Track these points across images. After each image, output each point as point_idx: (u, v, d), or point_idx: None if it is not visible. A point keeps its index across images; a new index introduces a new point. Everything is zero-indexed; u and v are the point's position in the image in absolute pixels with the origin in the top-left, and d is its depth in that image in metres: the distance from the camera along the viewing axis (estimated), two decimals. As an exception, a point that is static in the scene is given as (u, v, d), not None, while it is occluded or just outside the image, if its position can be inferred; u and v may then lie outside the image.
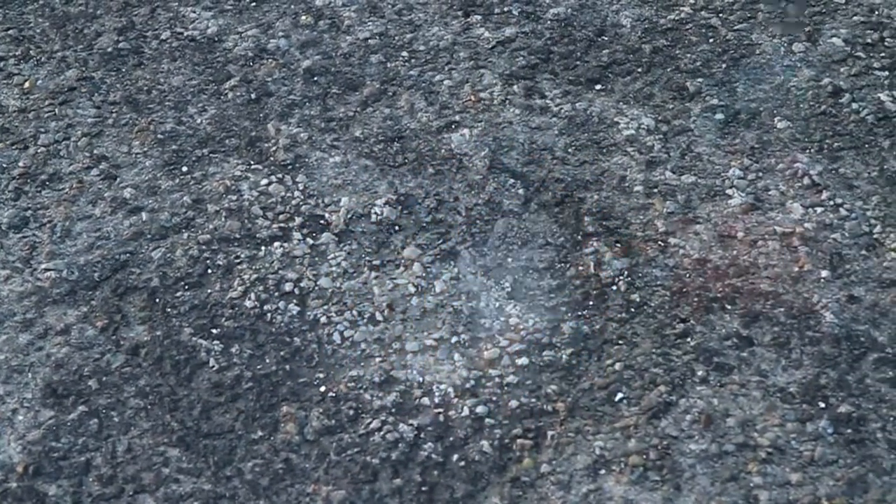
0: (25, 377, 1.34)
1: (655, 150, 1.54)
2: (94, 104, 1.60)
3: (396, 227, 1.46)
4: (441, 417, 1.31)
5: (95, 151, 1.55)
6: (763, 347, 1.36)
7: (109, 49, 1.67)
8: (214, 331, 1.38)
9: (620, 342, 1.37)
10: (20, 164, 1.54)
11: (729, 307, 1.40)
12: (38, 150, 1.55)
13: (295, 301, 1.40)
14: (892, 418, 1.30)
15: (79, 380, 1.34)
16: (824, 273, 1.43)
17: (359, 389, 1.33)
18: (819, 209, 1.48)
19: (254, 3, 1.73)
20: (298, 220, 1.48)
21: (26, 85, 1.63)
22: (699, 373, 1.34)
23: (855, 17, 1.70)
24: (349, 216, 1.48)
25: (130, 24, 1.70)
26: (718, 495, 1.25)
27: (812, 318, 1.39)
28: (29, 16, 1.71)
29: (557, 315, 1.39)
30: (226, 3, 1.73)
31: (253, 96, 1.61)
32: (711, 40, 1.66)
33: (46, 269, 1.43)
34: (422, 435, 1.30)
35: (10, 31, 1.69)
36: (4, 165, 1.53)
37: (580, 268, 1.43)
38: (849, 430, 1.30)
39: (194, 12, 1.72)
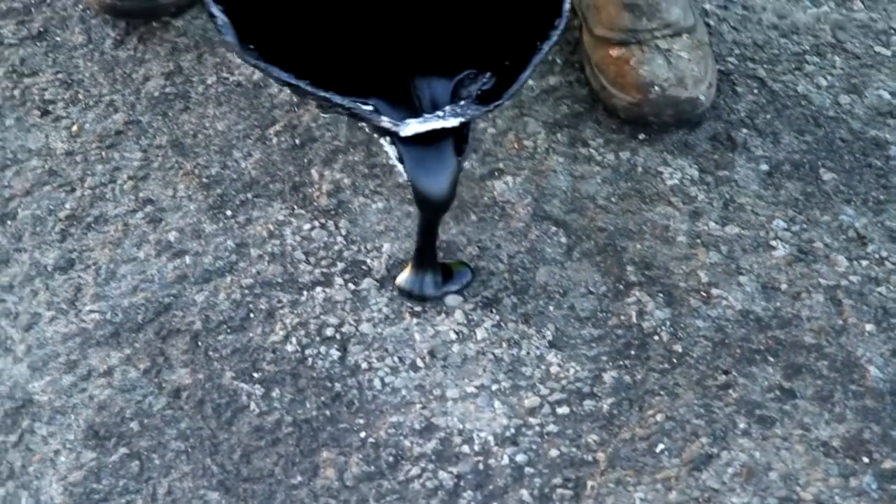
0: (68, 418, 1.35)
1: (699, 201, 1.54)
2: (141, 148, 1.62)
3: (439, 274, 1.46)
4: (481, 465, 1.31)
5: (141, 195, 1.56)
6: (806, 401, 1.36)
7: (156, 93, 1.68)
8: (256, 375, 1.38)
9: (662, 393, 1.36)
10: (67, 206, 1.55)
11: (771, 359, 1.39)
12: (85, 193, 1.56)
13: (336, 346, 1.41)
14: (936, 474, 1.29)
15: (121, 422, 1.35)
16: (869, 327, 1.42)
17: (399, 436, 1.33)
18: (864, 262, 1.48)
19: (300, 50, 1.74)
20: (340, 265, 1.48)
21: (74, 128, 1.64)
22: (741, 425, 1.34)
23: (901, 70, 1.70)
24: (391, 262, 1.48)
25: (178, 68, 1.71)
26: (760, 549, 1.24)
27: (856, 371, 1.38)
28: (78, 60, 1.73)
29: (599, 364, 1.39)
30: (272, 48, 1.74)
31: (297, 142, 1.62)
32: (757, 91, 1.66)
33: (91, 311, 1.44)
34: (461, 483, 1.30)
35: (59, 75, 1.71)
36: (52, 208, 1.55)
37: (622, 317, 1.43)
38: (893, 486, 1.29)
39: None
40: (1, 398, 1.36)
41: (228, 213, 1.54)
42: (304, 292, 1.45)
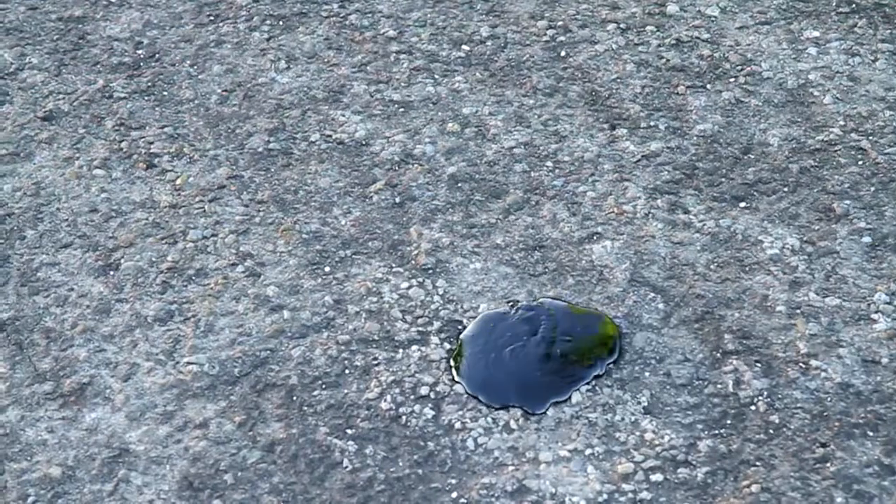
0: (163, 469, 1.36)
1: (799, 271, 1.52)
2: (243, 202, 1.64)
3: (534, 337, 1.46)
4: (572, 531, 1.30)
5: (241, 249, 1.58)
6: (906, 477, 1.33)
7: (260, 149, 1.71)
8: (349, 431, 1.38)
9: (758, 464, 1.35)
10: (169, 258, 1.57)
11: (871, 434, 1.37)
12: (187, 246, 1.59)
13: (430, 405, 1.41)
14: None
15: (215, 473, 1.35)
16: (972, 403, 1.39)
17: (490, 497, 1.32)
18: (968, 338, 1.45)
19: (402, 109, 1.75)
20: (437, 324, 1.49)
21: (178, 181, 1.67)
22: (838, 499, 1.31)
23: None
24: (487, 323, 1.48)
25: (281, 125, 1.74)
26: None
27: (958, 449, 1.35)
28: (184, 115, 1.76)
29: (694, 432, 1.37)
30: (375, 108, 1.76)
31: (397, 200, 1.63)
32: (861, 162, 1.65)
33: (189, 363, 1.46)
34: (552, 548, 1.29)
35: (165, 129, 1.74)
36: (154, 259, 1.57)
37: (719, 386, 1.42)
38: None
39: (343, 116, 1.75)
40: (98, 447, 1.38)
41: (327, 269, 1.55)
42: (400, 350, 1.46)
